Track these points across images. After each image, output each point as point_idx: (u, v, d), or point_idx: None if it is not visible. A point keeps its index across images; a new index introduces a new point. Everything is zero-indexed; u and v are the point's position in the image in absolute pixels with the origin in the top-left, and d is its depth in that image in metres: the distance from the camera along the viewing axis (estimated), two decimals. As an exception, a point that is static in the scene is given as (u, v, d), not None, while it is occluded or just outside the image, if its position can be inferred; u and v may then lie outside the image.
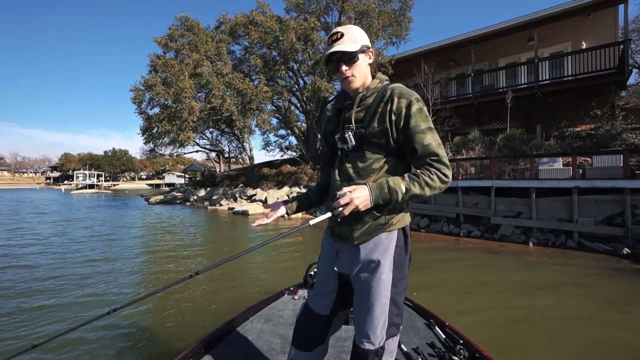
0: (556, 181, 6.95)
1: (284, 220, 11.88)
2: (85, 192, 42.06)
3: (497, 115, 12.63)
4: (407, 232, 1.23)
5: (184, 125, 14.07)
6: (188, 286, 4.51)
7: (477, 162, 10.65)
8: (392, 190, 1.05)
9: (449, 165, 1.10)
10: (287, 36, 13.26)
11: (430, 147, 1.08)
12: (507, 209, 7.68)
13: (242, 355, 1.76)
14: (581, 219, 6.51)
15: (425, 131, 1.09)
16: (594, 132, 10.08)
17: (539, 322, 3.44)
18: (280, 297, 2.57)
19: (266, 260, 6.40)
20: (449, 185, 1.11)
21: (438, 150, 1.09)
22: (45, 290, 4.48)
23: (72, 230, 9.95)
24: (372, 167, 1.16)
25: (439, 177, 1.07)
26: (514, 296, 4.22)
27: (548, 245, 6.80)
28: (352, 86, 1.20)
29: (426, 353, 1.75)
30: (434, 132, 1.11)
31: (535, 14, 11.44)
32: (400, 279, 1.19)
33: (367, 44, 1.18)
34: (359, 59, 1.16)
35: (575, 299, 4.11)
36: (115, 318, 3.49)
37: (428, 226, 8.98)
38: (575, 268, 5.41)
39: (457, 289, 4.49)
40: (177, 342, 2.97)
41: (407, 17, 16.02)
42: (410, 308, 2.37)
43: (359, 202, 1.04)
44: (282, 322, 2.15)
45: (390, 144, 1.14)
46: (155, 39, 16.58)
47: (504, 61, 14.33)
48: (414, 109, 1.10)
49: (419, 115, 1.10)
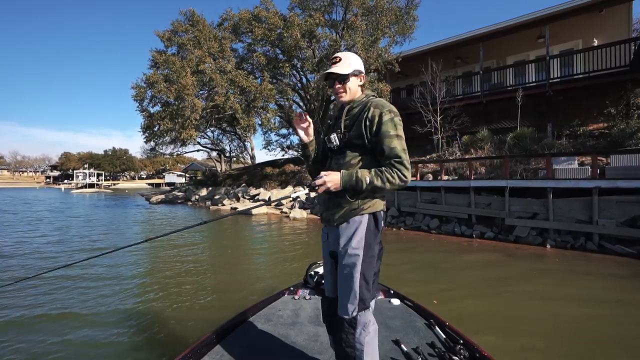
0: (575, 181, 6.70)
1: (287, 220, 11.63)
2: (85, 192, 41.79)
3: (506, 114, 12.39)
4: (378, 217, 1.41)
5: (186, 123, 13.81)
6: (188, 286, 4.54)
7: (487, 162, 10.42)
8: (359, 179, 1.31)
9: (409, 168, 1.33)
10: (292, 32, 13.00)
11: (395, 150, 1.31)
12: (522, 209, 7.43)
13: (242, 355, 1.75)
14: (602, 221, 6.26)
15: (393, 137, 1.32)
16: (608, 131, 9.83)
17: (566, 331, 3.20)
18: (280, 297, 2.56)
19: (267, 260, 6.33)
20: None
21: (401, 154, 1.31)
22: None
23: (76, 229, 9.70)
24: (350, 163, 1.41)
25: (399, 176, 1.30)
26: (537, 302, 3.97)
27: (567, 248, 6.54)
28: (342, 100, 1.49)
29: (426, 353, 1.74)
30: (400, 139, 1.34)
31: (545, 10, 11.20)
32: (370, 256, 1.38)
33: (359, 69, 1.47)
34: (350, 80, 1.46)
35: (603, 305, 3.86)
36: (115, 318, 3.52)
37: (438, 227, 8.72)
38: (598, 272, 5.17)
39: (479, 295, 4.24)
40: (177, 342, 2.94)
41: (412, 15, 15.77)
42: (410, 308, 2.35)
43: (331, 184, 1.33)
44: (282, 322, 2.14)
45: (366, 145, 1.38)
46: (158, 33, 16.29)
47: (512, 59, 14.10)
48: (385, 118, 1.33)
49: (389, 123, 1.33)
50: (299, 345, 1.85)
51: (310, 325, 2.10)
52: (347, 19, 14.61)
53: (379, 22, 14.08)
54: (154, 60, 16.21)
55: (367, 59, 13.38)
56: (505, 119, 12.51)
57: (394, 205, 10.18)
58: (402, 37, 15.88)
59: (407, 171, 1.31)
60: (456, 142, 12.33)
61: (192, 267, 5.73)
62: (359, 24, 13.30)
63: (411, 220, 9.47)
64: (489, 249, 6.81)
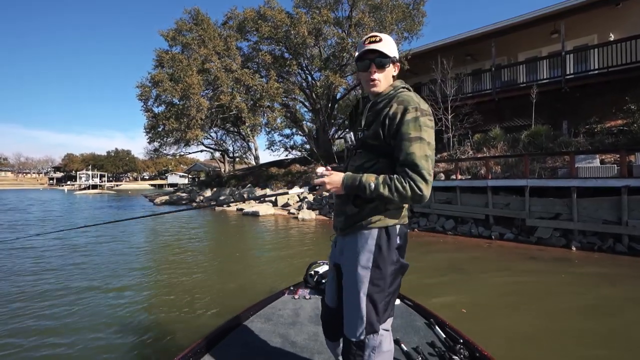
0: (602, 180, 6.40)
1: (295, 222, 11.37)
2: (89, 193, 41.70)
3: (519, 112, 12.08)
4: (391, 233, 1.20)
5: (192, 123, 13.57)
6: (188, 286, 4.56)
7: (502, 161, 10.12)
8: (362, 184, 1.12)
9: (429, 180, 1.08)
10: (299, 30, 12.74)
11: (413, 156, 1.08)
12: (544, 209, 7.14)
13: (242, 354, 1.74)
14: (632, 221, 5.96)
15: (413, 140, 1.09)
16: (627, 128, 9.51)
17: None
18: (280, 297, 2.55)
19: (267, 261, 6.29)
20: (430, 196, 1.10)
21: (420, 162, 1.07)
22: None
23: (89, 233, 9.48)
24: (364, 166, 1.22)
25: (412, 188, 1.07)
26: (569, 311, 3.69)
27: (593, 250, 6.25)
28: (375, 90, 1.24)
29: (426, 352, 1.73)
30: (423, 142, 1.09)
31: (561, 4, 10.87)
32: (380, 278, 1.18)
33: (397, 56, 1.26)
34: (389, 66, 1.23)
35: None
36: (114, 318, 3.52)
37: (454, 228, 8.44)
38: (630, 274, 4.89)
39: (506, 303, 3.96)
40: (177, 342, 2.95)
41: (420, 11, 15.50)
42: (411, 307, 2.34)
43: (330, 186, 1.18)
44: (282, 321, 2.13)
45: (382, 145, 1.17)
46: (162, 32, 16.10)
47: (524, 55, 13.79)
48: (409, 116, 1.11)
49: (412, 123, 1.10)
50: (299, 345, 1.84)
51: (310, 325, 2.08)
52: (353, 16, 14.34)
53: (385, 19, 13.81)
54: (158, 60, 16.01)
55: (375, 57, 13.11)
56: (519, 116, 12.20)
57: (406, 205, 9.90)
58: (410, 34, 15.61)
59: (423, 183, 1.06)
60: (468, 141, 12.03)
61: (194, 267, 5.64)
62: (367, 21, 13.02)
63: (425, 221, 9.18)
64: (511, 251, 6.52)
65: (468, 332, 1.94)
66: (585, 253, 6.19)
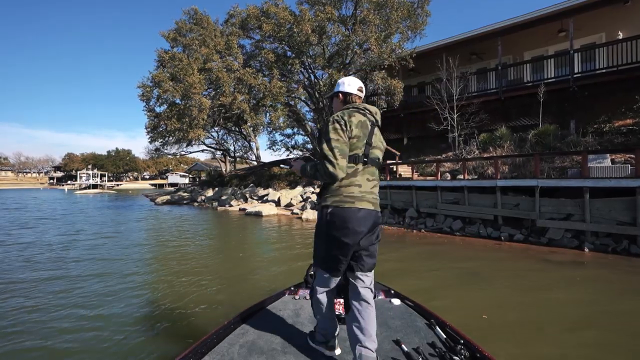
0: (615, 180, 6.25)
1: (298, 222, 11.23)
2: (89, 192, 41.55)
3: (525, 111, 11.95)
4: (327, 212, 1.65)
5: (194, 122, 13.41)
6: (188, 286, 4.53)
7: (509, 160, 9.99)
8: (303, 166, 1.79)
9: (334, 163, 1.59)
10: (302, 27, 12.58)
11: (323, 149, 1.63)
12: (555, 210, 6.99)
13: (242, 354, 1.75)
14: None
15: (322, 139, 1.66)
16: (637, 127, 9.37)
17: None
18: (280, 297, 2.56)
19: (268, 260, 6.31)
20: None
21: (326, 152, 1.61)
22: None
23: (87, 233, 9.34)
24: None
25: (324, 169, 1.61)
26: (594, 320, 3.55)
27: (607, 252, 6.10)
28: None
29: (427, 353, 1.73)
30: (329, 140, 1.61)
31: (569, 3, 10.72)
32: (317, 238, 1.76)
33: (340, 90, 1.87)
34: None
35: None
36: (114, 318, 3.52)
37: (462, 229, 8.29)
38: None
39: (526, 311, 3.81)
40: (178, 342, 2.95)
41: (425, 10, 15.32)
42: (411, 308, 2.35)
43: (294, 169, 1.88)
44: (282, 322, 2.15)
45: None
46: (163, 33, 15.96)
47: (529, 54, 13.64)
48: (328, 124, 1.68)
49: (326, 128, 1.67)
50: (299, 345, 1.85)
51: (311, 325, 2.05)
52: (357, 14, 14.17)
53: (389, 18, 13.65)
54: (160, 60, 15.86)
55: (380, 55, 12.96)
56: (525, 116, 12.06)
57: (412, 205, 9.76)
58: (414, 33, 15.44)
59: (329, 166, 1.61)
60: (474, 140, 11.89)
61: (195, 266, 5.60)
62: (372, 18, 12.87)
63: (432, 222, 9.04)
64: (522, 253, 6.38)
65: (491, 340, 1.86)
66: (599, 255, 6.05)
